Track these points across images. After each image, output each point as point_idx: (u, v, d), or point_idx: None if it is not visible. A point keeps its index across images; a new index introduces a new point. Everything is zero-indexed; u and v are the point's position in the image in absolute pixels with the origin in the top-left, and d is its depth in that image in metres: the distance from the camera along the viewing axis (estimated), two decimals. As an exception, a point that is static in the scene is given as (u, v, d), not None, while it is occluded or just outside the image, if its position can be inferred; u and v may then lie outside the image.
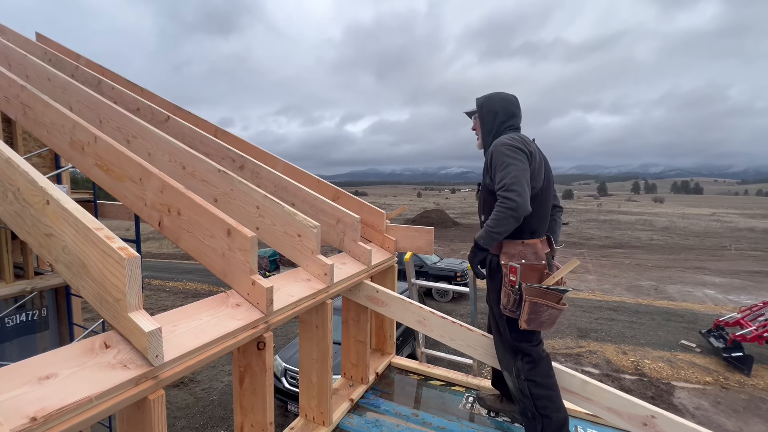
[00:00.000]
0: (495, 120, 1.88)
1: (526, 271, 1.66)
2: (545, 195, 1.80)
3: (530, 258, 1.70)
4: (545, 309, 1.60)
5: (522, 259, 1.69)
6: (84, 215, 1.05)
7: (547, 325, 1.65)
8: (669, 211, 68.18)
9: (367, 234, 2.54)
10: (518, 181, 1.62)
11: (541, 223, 1.80)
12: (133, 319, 0.95)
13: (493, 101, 1.90)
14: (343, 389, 2.23)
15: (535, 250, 1.72)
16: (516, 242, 1.74)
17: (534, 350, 1.73)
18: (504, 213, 1.62)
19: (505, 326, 1.76)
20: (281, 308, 1.43)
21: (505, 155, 1.68)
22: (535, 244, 1.74)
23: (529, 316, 1.61)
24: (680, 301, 14.17)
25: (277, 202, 1.80)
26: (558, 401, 1.71)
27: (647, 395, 7.49)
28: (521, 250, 1.72)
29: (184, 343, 1.07)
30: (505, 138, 1.76)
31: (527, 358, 1.71)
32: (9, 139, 4.30)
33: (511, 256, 1.72)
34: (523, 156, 1.69)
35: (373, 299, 2.07)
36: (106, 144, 1.72)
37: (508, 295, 1.68)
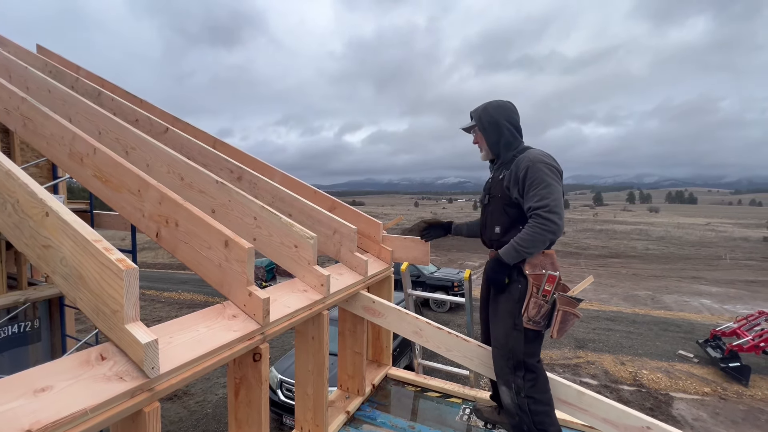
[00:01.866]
0: (498, 129, 1.86)
1: (550, 281, 1.67)
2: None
3: (549, 268, 1.71)
4: (571, 318, 1.64)
5: (543, 269, 1.70)
6: (83, 227, 1.06)
7: (566, 332, 1.68)
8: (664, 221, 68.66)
9: (363, 244, 2.55)
10: (560, 204, 1.64)
11: None
12: (129, 330, 0.96)
13: (489, 111, 1.89)
14: (339, 401, 2.21)
15: (552, 260, 1.73)
16: (538, 253, 1.73)
17: (538, 366, 1.73)
18: (543, 235, 1.64)
19: (519, 340, 1.72)
20: (277, 319, 1.43)
21: (546, 174, 1.68)
22: (552, 254, 1.75)
23: (561, 325, 1.63)
24: (677, 310, 14.18)
25: (275, 213, 1.82)
26: (554, 416, 1.71)
27: (646, 406, 7.45)
28: (542, 261, 1.72)
29: (180, 354, 1.07)
30: (542, 155, 1.75)
31: (530, 375, 1.70)
32: (6, 149, 4.31)
33: (534, 266, 1.71)
34: (560, 178, 1.71)
35: (369, 310, 2.07)
36: (105, 156, 1.74)
37: (539, 306, 1.66)
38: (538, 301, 1.66)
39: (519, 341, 1.71)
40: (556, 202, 1.64)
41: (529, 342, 1.71)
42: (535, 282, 1.68)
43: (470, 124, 1.98)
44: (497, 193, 1.87)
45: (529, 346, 1.71)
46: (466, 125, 2.01)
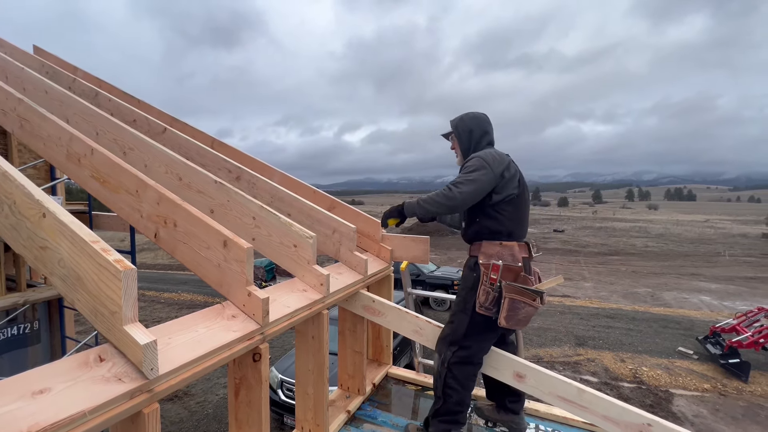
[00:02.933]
0: (471, 137, 2.03)
1: (503, 273, 1.75)
2: (521, 201, 1.91)
3: (507, 259, 1.79)
4: (522, 306, 1.70)
5: (500, 260, 1.78)
6: (80, 228, 1.06)
7: (523, 322, 1.74)
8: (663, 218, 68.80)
9: (363, 244, 2.55)
10: (469, 184, 1.79)
11: (518, 226, 1.89)
12: (128, 332, 0.95)
13: (465, 121, 2.06)
14: (340, 401, 2.21)
15: (512, 252, 1.82)
16: (494, 243, 1.85)
17: (471, 350, 1.81)
18: (441, 198, 1.84)
19: (463, 322, 1.84)
20: (277, 319, 1.43)
21: (474, 163, 1.85)
22: (513, 246, 1.83)
23: (509, 313, 1.71)
24: (676, 307, 14.21)
25: (273, 213, 1.82)
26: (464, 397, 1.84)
27: (646, 403, 7.46)
28: (499, 251, 1.82)
29: (179, 355, 1.07)
30: (481, 152, 1.91)
31: (460, 353, 1.81)
32: (4, 150, 4.30)
33: (490, 256, 1.81)
34: (487, 167, 1.81)
35: (369, 309, 2.07)
36: (102, 156, 1.73)
37: (486, 293, 1.75)
38: (485, 289, 1.76)
39: (462, 323, 1.85)
40: (466, 181, 1.80)
41: (474, 326, 1.82)
42: (485, 271, 1.79)
43: (448, 131, 2.16)
44: None
45: (472, 330, 1.82)
46: (445, 132, 2.20)
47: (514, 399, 2.04)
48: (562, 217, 70.50)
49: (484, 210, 1.89)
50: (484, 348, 1.84)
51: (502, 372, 1.80)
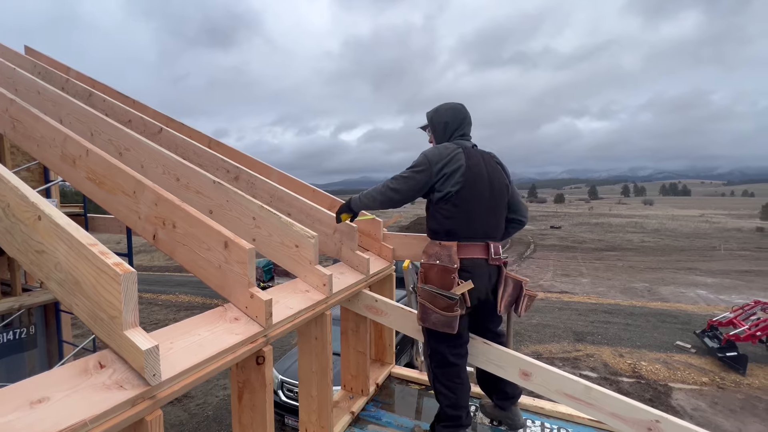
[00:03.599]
0: (446, 129, 1.95)
1: (438, 273, 1.71)
2: (463, 198, 1.75)
3: (444, 260, 1.72)
4: (431, 311, 1.68)
5: (437, 260, 1.74)
6: (77, 231, 1.03)
7: (441, 326, 1.68)
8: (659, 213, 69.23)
9: (364, 243, 2.52)
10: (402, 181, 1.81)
11: (460, 226, 1.76)
12: (129, 337, 0.92)
13: (440, 113, 1.98)
14: (344, 401, 2.18)
15: (449, 253, 1.73)
16: (434, 243, 1.81)
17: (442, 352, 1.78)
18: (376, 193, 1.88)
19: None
20: (280, 321, 1.40)
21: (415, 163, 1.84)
22: (451, 247, 1.75)
23: (422, 314, 1.73)
24: (674, 302, 14.31)
25: (274, 213, 1.79)
26: (456, 400, 1.79)
27: (645, 397, 7.50)
28: (438, 252, 1.77)
29: (181, 360, 1.04)
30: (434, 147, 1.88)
31: (436, 357, 1.80)
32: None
33: (429, 256, 1.79)
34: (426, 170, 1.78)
35: (372, 309, 2.05)
36: (98, 157, 1.69)
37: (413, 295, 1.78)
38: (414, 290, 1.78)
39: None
40: (401, 179, 1.82)
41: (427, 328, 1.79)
42: (421, 270, 1.80)
43: (423, 124, 2.09)
44: None
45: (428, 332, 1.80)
46: (421, 125, 2.12)
47: (501, 396, 2.00)
48: (558, 213, 70.78)
49: (428, 209, 1.88)
50: (450, 347, 1.76)
51: (508, 370, 1.78)
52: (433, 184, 1.79)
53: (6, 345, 4.16)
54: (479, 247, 1.76)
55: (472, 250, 1.75)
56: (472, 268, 1.73)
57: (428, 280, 1.74)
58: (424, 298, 1.71)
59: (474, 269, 1.73)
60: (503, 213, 1.90)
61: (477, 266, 1.74)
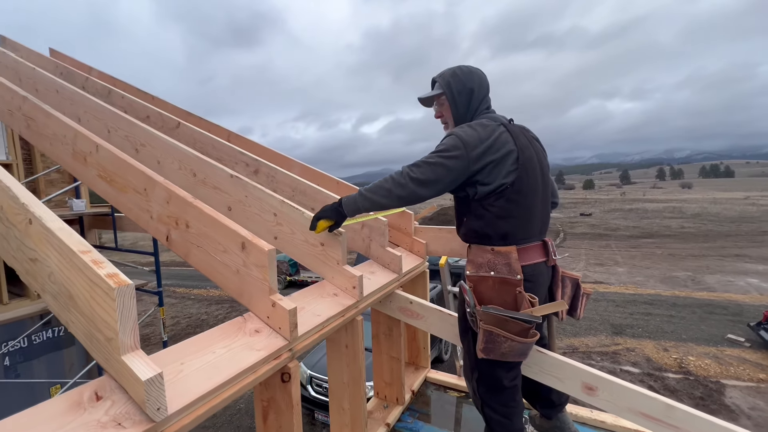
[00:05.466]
0: (471, 101, 1.50)
1: (495, 287, 1.35)
2: (519, 190, 1.39)
3: (502, 270, 1.35)
4: (504, 340, 1.29)
5: (491, 271, 1.36)
6: (69, 236, 0.88)
7: (512, 356, 1.34)
8: (699, 197, 65.22)
9: (393, 237, 2.32)
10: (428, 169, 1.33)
11: (518, 226, 1.40)
12: (127, 363, 0.76)
13: (461, 78, 1.50)
14: (377, 412, 2.01)
15: (508, 261, 1.36)
16: (484, 249, 1.40)
17: (497, 376, 1.45)
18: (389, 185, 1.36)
19: (469, 342, 1.50)
20: (307, 332, 1.23)
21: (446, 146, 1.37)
22: (509, 253, 1.37)
23: (486, 345, 1.31)
24: (721, 291, 13.32)
25: (296, 208, 1.61)
26: (511, 426, 1.49)
27: (695, 395, 6.99)
28: (491, 260, 1.38)
29: (193, 386, 0.88)
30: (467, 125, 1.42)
31: (486, 381, 1.47)
32: (27, 156, 4.32)
33: (478, 266, 1.39)
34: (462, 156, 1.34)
35: (406, 311, 1.85)
36: (107, 153, 1.57)
37: (465, 312, 1.40)
38: (466, 308, 1.40)
39: (469, 344, 1.50)
40: (426, 164, 1.34)
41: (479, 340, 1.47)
42: (470, 285, 1.40)
43: (435, 92, 1.56)
44: None
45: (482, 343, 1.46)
46: (426, 94, 1.60)
47: (546, 404, 1.75)
48: (588, 200, 68.03)
49: (469, 206, 1.45)
50: (508, 371, 1.45)
51: (567, 383, 1.54)
52: (472, 174, 1.38)
53: (45, 343, 4.29)
54: (537, 247, 1.44)
55: (531, 254, 1.41)
56: (534, 276, 1.40)
57: (483, 299, 1.37)
58: (491, 324, 1.30)
59: (536, 277, 1.41)
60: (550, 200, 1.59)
61: (538, 273, 1.42)
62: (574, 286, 1.58)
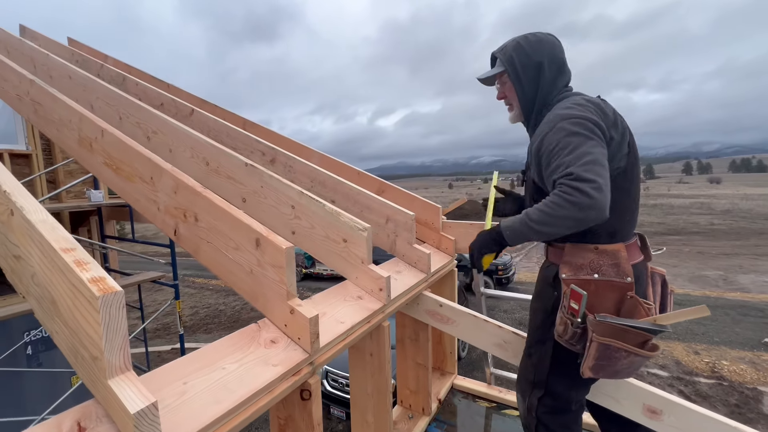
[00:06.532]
0: (540, 75, 1.28)
1: (598, 292, 1.12)
2: (631, 178, 1.21)
3: (608, 272, 1.14)
4: (624, 355, 1.07)
5: (594, 273, 1.15)
6: (51, 231, 0.73)
7: (625, 374, 1.15)
8: (728, 192, 62.30)
9: (420, 233, 2.14)
10: (593, 167, 1.05)
11: (626, 219, 1.22)
12: (114, 389, 0.61)
13: (526, 50, 1.29)
14: (402, 422, 1.86)
15: (616, 261, 1.15)
16: (586, 248, 1.18)
17: (567, 397, 1.28)
18: (565, 208, 1.06)
19: (543, 356, 1.29)
20: (329, 342, 1.07)
21: (570, 134, 1.11)
22: (617, 251, 1.17)
23: (597, 362, 1.09)
24: (756, 292, 12.60)
25: (316, 200, 1.45)
26: None
27: (730, 402, 6.59)
28: (594, 260, 1.16)
29: (198, 412, 0.73)
30: (567, 108, 1.17)
31: (548, 400, 1.28)
32: (46, 146, 4.31)
33: (578, 268, 1.17)
34: (596, 132, 1.11)
35: (435, 315, 1.67)
36: (113, 138, 1.44)
37: (565, 324, 1.15)
38: (564, 318, 1.16)
39: (544, 358, 1.29)
40: (589, 166, 1.05)
41: (561, 363, 1.25)
42: (566, 291, 1.17)
43: (494, 70, 1.37)
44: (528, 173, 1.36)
45: (559, 368, 1.26)
46: (485, 74, 1.40)
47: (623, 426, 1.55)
48: (610, 195, 65.81)
49: None
50: (580, 390, 1.29)
51: (626, 405, 1.33)
52: None
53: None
54: (634, 246, 1.24)
55: (634, 252, 1.22)
56: (638, 278, 1.20)
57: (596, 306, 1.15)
58: (608, 336, 1.08)
59: (639, 278, 1.20)
60: None
61: (640, 273, 1.22)
62: (662, 283, 1.36)
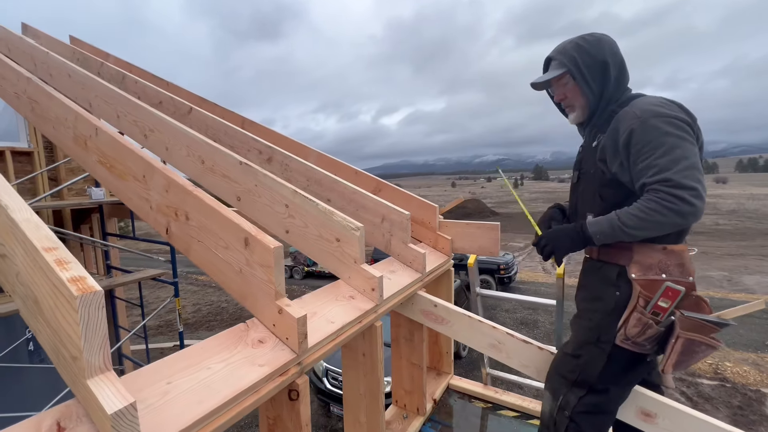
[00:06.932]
0: (605, 74, 1.29)
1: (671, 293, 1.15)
2: None
3: (674, 272, 1.17)
4: (703, 349, 1.13)
5: (662, 273, 1.17)
6: (35, 229, 0.73)
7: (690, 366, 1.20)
8: (734, 192, 61.76)
9: (416, 233, 2.13)
10: (693, 173, 1.10)
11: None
12: (92, 389, 0.61)
13: (587, 50, 1.29)
14: (396, 422, 1.85)
15: (681, 261, 1.19)
16: (655, 248, 1.20)
17: (609, 398, 1.28)
18: (663, 215, 1.09)
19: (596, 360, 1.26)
20: (318, 342, 1.06)
21: (666, 133, 1.12)
22: (682, 251, 1.20)
23: (680, 357, 1.14)
24: (761, 293, 12.51)
25: (309, 199, 1.44)
26: None
27: (733, 404, 6.54)
28: (662, 261, 1.18)
29: (180, 413, 0.72)
30: (656, 104, 1.18)
31: (589, 399, 1.27)
32: (48, 143, 4.34)
33: (647, 268, 1.19)
34: (692, 134, 1.15)
35: (429, 315, 1.67)
36: (106, 136, 1.44)
37: (643, 325, 1.16)
38: (644, 319, 1.17)
39: (596, 360, 1.27)
40: (688, 172, 1.09)
41: (615, 364, 1.24)
42: (644, 292, 1.18)
43: (555, 72, 1.35)
44: (589, 169, 1.35)
45: (612, 369, 1.25)
46: (543, 77, 1.38)
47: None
48: (614, 194, 65.41)
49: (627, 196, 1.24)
50: (626, 391, 1.31)
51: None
52: None
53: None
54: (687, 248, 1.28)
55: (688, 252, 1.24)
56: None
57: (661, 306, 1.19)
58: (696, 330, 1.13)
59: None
60: None
61: None
62: None
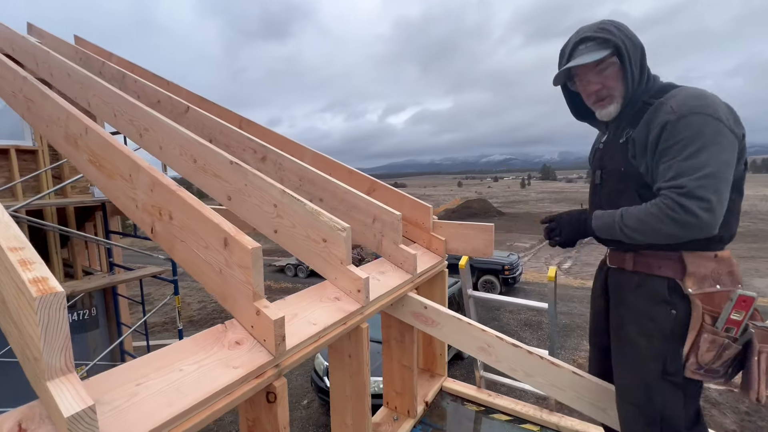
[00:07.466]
0: (643, 62, 1.17)
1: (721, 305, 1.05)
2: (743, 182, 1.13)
3: (726, 282, 1.07)
4: None
5: (716, 284, 1.07)
6: (3, 228, 0.73)
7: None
8: (748, 193, 60.47)
9: (410, 233, 2.11)
10: (711, 184, 0.99)
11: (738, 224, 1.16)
12: (51, 391, 0.61)
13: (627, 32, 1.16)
14: (386, 424, 1.84)
15: (731, 268, 1.09)
16: (707, 256, 1.09)
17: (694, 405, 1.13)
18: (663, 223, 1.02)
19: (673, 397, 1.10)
20: (298, 344, 1.05)
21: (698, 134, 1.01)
22: (729, 257, 1.11)
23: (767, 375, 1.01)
24: (772, 297, 12.24)
25: (297, 199, 1.43)
26: None
27: (740, 410, 6.42)
28: (715, 270, 1.08)
29: (146, 415, 0.72)
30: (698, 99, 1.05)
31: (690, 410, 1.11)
32: (54, 152, 4.39)
33: (702, 280, 1.08)
34: (731, 139, 1.03)
35: (420, 317, 1.65)
36: (95, 135, 1.44)
37: (719, 347, 1.02)
38: (719, 340, 1.02)
39: (673, 399, 1.10)
40: (705, 181, 0.98)
41: (690, 399, 1.11)
42: (707, 307, 1.05)
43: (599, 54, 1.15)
44: (617, 166, 1.21)
45: (691, 406, 1.11)
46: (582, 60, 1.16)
47: None
48: (623, 194, 64.53)
49: None
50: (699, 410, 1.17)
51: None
52: None
53: (71, 325, 4.41)
54: None
55: None
56: None
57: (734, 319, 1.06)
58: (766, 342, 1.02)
59: None
60: None
61: None
62: None
